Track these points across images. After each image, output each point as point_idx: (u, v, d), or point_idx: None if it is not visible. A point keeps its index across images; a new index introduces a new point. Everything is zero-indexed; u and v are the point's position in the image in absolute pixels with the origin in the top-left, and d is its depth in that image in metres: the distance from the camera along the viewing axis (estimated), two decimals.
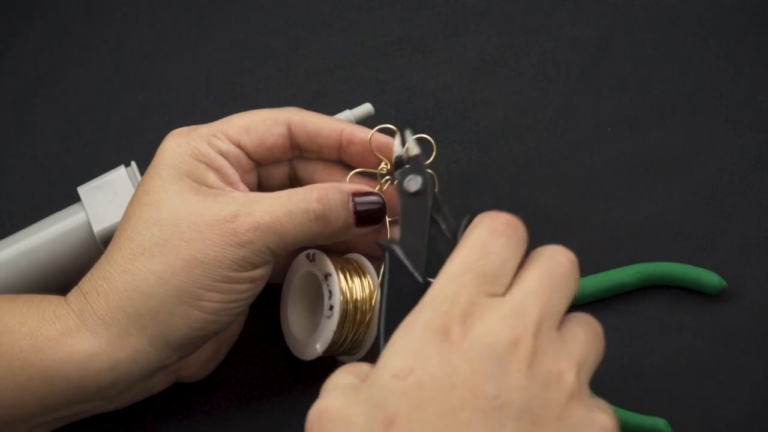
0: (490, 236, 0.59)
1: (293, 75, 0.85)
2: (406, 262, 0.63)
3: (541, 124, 0.82)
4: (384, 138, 0.70)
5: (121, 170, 0.76)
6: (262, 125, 0.69)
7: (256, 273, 0.67)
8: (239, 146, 0.69)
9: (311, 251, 0.70)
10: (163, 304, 0.65)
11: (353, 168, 0.71)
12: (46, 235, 0.75)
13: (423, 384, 0.54)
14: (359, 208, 0.68)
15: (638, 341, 0.73)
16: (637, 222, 0.78)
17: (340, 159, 0.71)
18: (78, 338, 0.66)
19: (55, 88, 0.87)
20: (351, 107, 0.78)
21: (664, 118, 0.81)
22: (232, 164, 0.69)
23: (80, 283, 0.68)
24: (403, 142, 0.68)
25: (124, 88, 0.86)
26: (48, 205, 0.78)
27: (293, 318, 0.71)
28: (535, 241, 0.77)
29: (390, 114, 0.82)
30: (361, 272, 0.70)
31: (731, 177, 0.78)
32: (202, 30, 0.88)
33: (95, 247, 0.74)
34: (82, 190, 0.75)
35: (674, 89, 0.82)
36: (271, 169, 0.71)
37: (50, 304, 0.67)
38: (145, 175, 0.69)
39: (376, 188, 0.70)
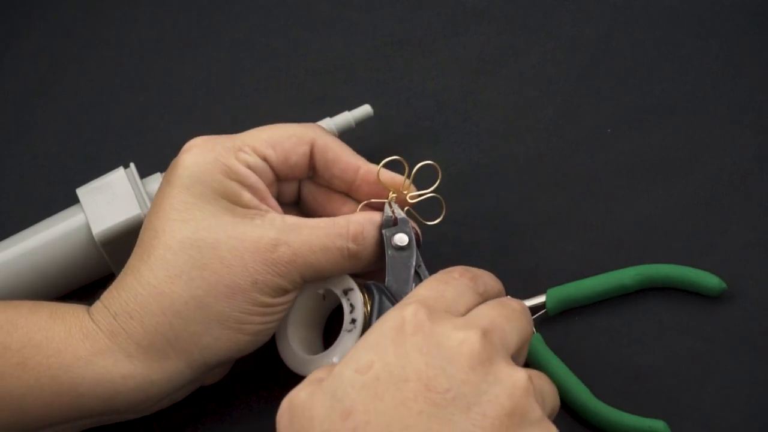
0: (447, 276, 0.65)
1: (293, 75, 0.85)
2: (393, 300, 0.68)
3: (541, 124, 0.82)
4: (390, 172, 0.71)
5: (120, 172, 0.76)
6: (288, 142, 0.69)
7: (289, 297, 0.68)
8: (265, 160, 0.69)
9: None
10: (206, 328, 0.65)
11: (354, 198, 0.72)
12: (45, 237, 0.75)
13: (380, 377, 0.59)
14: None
15: (638, 343, 0.73)
16: (637, 222, 0.77)
17: (348, 192, 0.71)
18: (111, 360, 0.65)
19: (55, 88, 0.87)
20: (350, 108, 0.78)
21: (664, 118, 0.81)
22: (261, 178, 0.68)
23: (105, 300, 0.67)
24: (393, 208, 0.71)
25: (124, 88, 0.86)
26: (47, 205, 0.78)
27: (295, 336, 0.71)
28: (536, 241, 0.77)
29: (390, 115, 0.82)
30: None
31: (731, 177, 0.78)
32: (202, 30, 0.88)
33: (94, 249, 0.74)
34: (81, 191, 0.75)
35: (674, 89, 0.82)
36: (285, 184, 0.71)
37: (75, 319, 0.66)
38: (167, 187, 0.68)
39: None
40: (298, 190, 0.72)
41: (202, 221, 0.66)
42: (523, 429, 0.59)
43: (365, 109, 0.78)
